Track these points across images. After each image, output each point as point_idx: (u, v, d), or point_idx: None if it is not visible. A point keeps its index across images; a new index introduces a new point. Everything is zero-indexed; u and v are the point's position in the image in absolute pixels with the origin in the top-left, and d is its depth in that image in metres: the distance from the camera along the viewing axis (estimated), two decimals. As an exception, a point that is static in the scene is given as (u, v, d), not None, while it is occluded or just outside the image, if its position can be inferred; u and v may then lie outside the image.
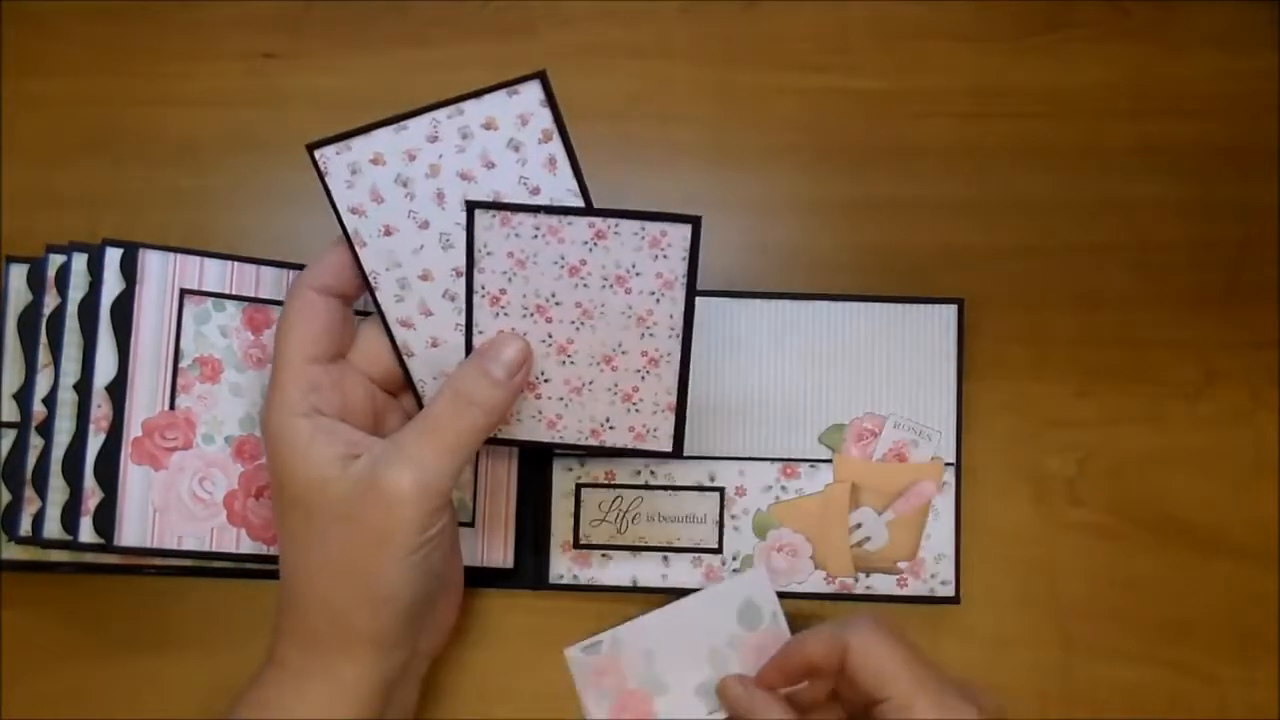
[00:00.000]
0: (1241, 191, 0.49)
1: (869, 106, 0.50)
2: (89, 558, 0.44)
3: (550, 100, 0.38)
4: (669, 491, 0.46)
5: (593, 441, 0.41)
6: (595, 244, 0.38)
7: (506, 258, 0.39)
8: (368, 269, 0.40)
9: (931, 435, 0.46)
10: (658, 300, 0.38)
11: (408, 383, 0.41)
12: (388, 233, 0.39)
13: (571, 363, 0.40)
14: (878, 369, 0.46)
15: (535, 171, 0.39)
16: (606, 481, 0.46)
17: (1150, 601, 0.47)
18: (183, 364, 0.43)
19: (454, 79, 0.50)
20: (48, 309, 0.44)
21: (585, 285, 0.38)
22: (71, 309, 0.43)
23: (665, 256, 0.38)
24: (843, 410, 0.46)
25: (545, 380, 0.40)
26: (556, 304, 0.39)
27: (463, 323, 0.40)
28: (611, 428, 0.41)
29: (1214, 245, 0.49)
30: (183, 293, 0.43)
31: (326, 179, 0.39)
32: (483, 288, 0.39)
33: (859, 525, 0.46)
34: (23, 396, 0.44)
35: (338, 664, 0.37)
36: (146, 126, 0.49)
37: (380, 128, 0.38)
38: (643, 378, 0.40)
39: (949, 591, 0.45)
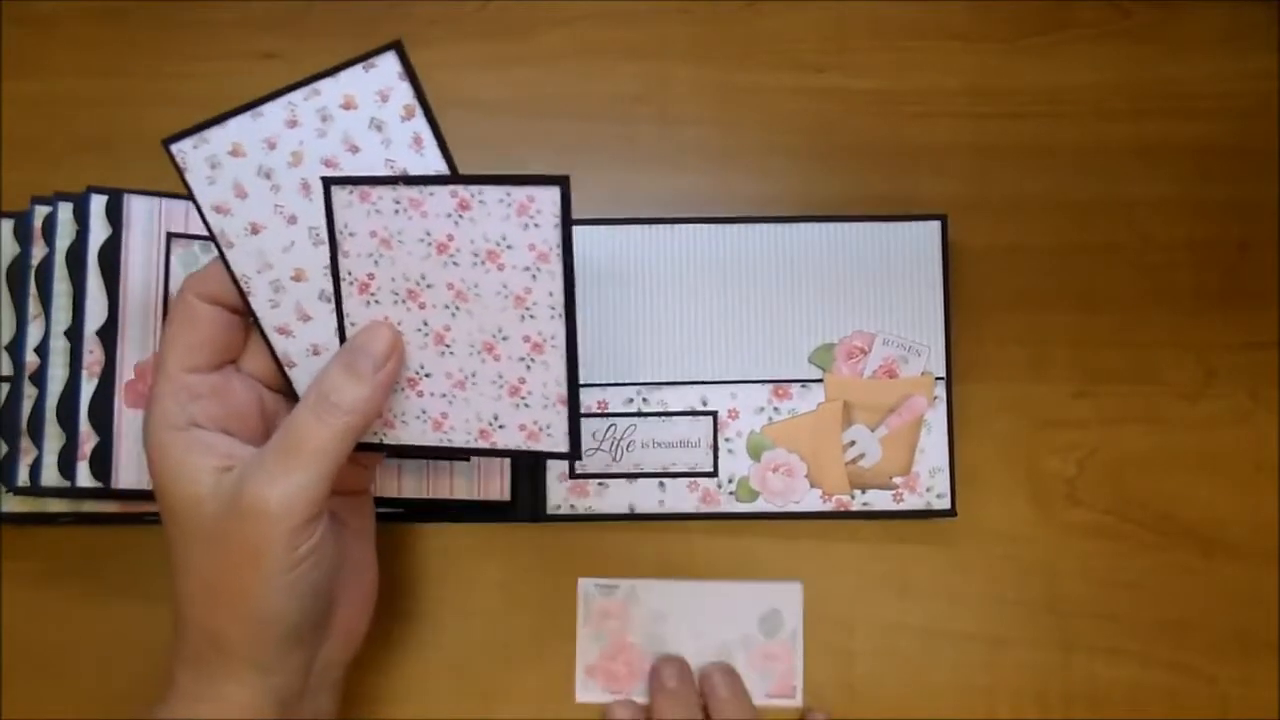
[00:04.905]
0: (1241, 191, 0.49)
1: (869, 106, 0.50)
2: (88, 506, 0.44)
3: (409, 72, 0.35)
4: (662, 418, 0.46)
5: (482, 444, 0.38)
6: (460, 216, 0.35)
7: (370, 237, 0.36)
8: (238, 272, 0.37)
9: (920, 350, 0.46)
10: (534, 276, 0.35)
11: (292, 396, 0.39)
12: (255, 230, 0.37)
13: (451, 353, 0.37)
14: (864, 287, 0.46)
15: (401, 153, 0.36)
16: (599, 410, 0.46)
17: (1150, 601, 0.47)
18: (171, 306, 0.42)
19: (454, 79, 0.50)
20: (36, 259, 0.43)
21: (455, 264, 0.36)
22: (59, 257, 0.43)
23: (536, 225, 0.35)
24: (831, 329, 0.46)
25: (426, 375, 0.37)
26: (428, 287, 0.36)
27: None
28: (501, 426, 0.37)
29: (1214, 245, 0.49)
30: (169, 236, 0.43)
31: (186, 175, 0.36)
32: (349, 273, 0.36)
33: (853, 443, 0.46)
34: (15, 348, 0.43)
35: (224, 687, 0.36)
36: (146, 126, 0.49)
37: (235, 115, 0.36)
38: (528, 367, 0.37)
39: (945, 504, 0.46)
